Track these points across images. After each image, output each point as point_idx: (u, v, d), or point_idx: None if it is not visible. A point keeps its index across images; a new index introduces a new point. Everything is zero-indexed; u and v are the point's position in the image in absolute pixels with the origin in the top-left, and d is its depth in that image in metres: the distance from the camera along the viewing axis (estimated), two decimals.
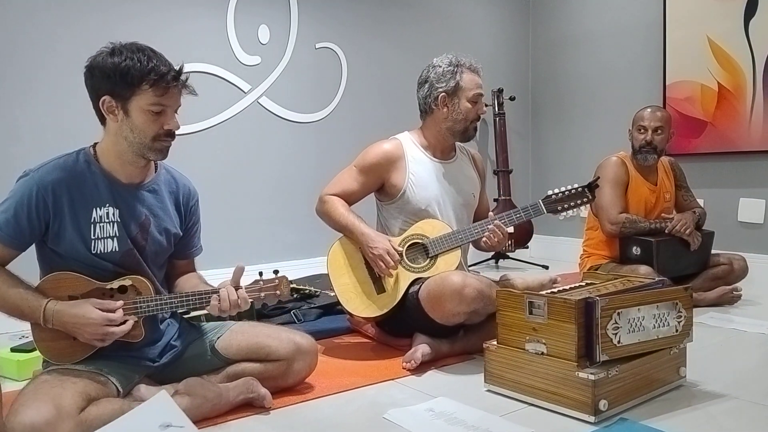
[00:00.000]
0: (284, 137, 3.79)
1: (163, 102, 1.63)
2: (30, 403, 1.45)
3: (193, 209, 1.89)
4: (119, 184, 1.70)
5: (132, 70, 1.58)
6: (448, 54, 2.42)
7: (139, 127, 1.63)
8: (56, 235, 1.63)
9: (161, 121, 1.64)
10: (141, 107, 1.61)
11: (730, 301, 3.04)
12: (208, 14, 3.48)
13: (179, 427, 1.45)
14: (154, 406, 1.50)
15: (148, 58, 1.60)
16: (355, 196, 2.40)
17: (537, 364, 1.77)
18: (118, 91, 1.60)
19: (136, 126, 1.63)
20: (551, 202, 2.30)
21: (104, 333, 1.59)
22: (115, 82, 1.59)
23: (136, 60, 1.59)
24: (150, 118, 1.63)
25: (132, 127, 1.63)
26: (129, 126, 1.63)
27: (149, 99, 1.61)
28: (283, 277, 1.82)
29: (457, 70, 2.36)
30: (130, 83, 1.59)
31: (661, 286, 1.92)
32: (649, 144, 3.02)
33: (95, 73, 1.61)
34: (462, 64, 2.38)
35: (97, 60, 1.62)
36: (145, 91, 1.60)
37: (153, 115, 1.63)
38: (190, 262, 1.95)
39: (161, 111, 1.64)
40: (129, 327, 1.63)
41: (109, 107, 1.62)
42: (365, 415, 1.76)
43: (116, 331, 1.61)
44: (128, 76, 1.58)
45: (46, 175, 1.62)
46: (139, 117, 1.62)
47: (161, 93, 1.62)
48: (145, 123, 1.63)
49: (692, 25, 3.91)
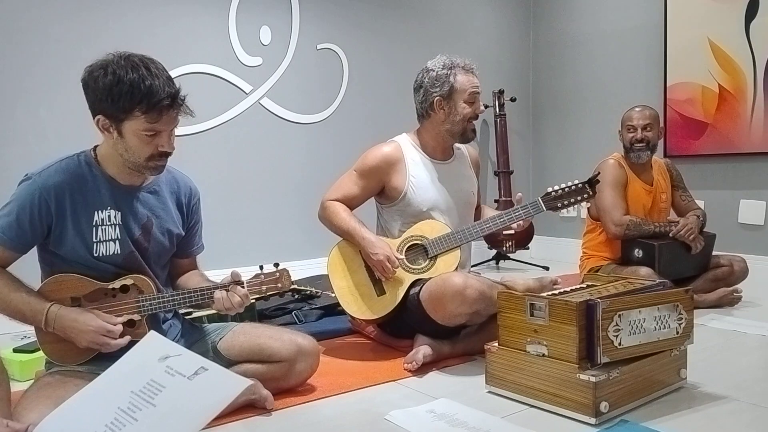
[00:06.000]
0: (286, 138, 3.79)
1: (157, 127, 1.58)
2: (33, 406, 1.46)
3: (195, 208, 1.90)
4: (120, 186, 1.70)
5: (125, 95, 1.52)
6: (441, 56, 2.41)
7: (132, 149, 1.60)
8: (58, 239, 1.63)
9: (156, 143, 1.61)
10: (134, 131, 1.58)
11: (731, 302, 3.05)
12: (210, 15, 3.48)
13: (177, 355, 1.47)
14: (148, 343, 1.53)
15: (142, 80, 1.52)
16: (356, 200, 2.41)
17: (538, 365, 1.77)
18: (111, 112, 1.56)
19: (130, 147, 1.60)
20: (551, 199, 2.28)
21: (101, 343, 1.60)
22: (107, 104, 1.55)
23: (128, 83, 1.52)
24: (144, 141, 1.59)
25: (126, 148, 1.61)
26: (123, 146, 1.61)
27: (141, 125, 1.57)
28: (284, 270, 1.83)
29: (451, 72, 2.35)
30: (122, 109, 1.54)
31: (662, 288, 1.93)
32: (641, 141, 3.03)
33: (89, 91, 1.58)
34: (455, 65, 2.37)
35: (92, 76, 1.57)
36: (137, 117, 1.55)
37: (147, 138, 1.59)
38: (193, 261, 1.96)
39: (155, 134, 1.60)
40: (125, 342, 1.62)
41: (104, 125, 1.60)
42: (366, 416, 1.77)
43: (112, 344, 1.61)
44: (120, 101, 1.53)
45: (49, 178, 1.61)
46: (133, 139, 1.59)
47: (154, 120, 1.56)
48: (139, 146, 1.60)
49: (693, 27, 3.91)
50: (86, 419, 1.36)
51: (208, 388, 1.40)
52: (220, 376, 1.44)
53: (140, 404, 1.36)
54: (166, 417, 1.33)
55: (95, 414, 1.36)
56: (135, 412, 1.35)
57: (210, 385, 1.40)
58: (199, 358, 1.48)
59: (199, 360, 1.46)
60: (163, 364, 1.44)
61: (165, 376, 1.41)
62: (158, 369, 1.43)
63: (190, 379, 1.41)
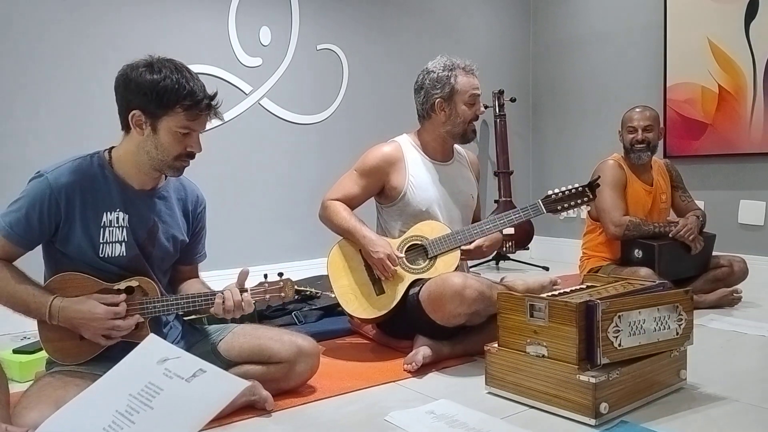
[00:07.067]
0: (285, 139, 3.79)
1: (193, 126, 1.65)
2: (33, 405, 1.46)
3: (200, 216, 1.91)
4: (131, 189, 1.71)
5: (169, 91, 1.59)
6: (441, 57, 2.42)
7: (164, 146, 1.65)
8: (65, 237, 1.64)
9: (186, 142, 1.67)
10: (170, 128, 1.63)
11: (731, 303, 3.05)
12: (210, 16, 3.48)
13: (176, 357, 1.48)
14: (148, 347, 1.53)
15: (186, 81, 1.61)
16: (356, 199, 2.41)
17: (538, 366, 1.77)
18: (151, 108, 1.61)
19: (161, 144, 1.64)
20: (551, 201, 2.29)
21: (110, 327, 1.60)
22: (149, 99, 1.60)
23: (174, 81, 1.60)
24: (177, 139, 1.65)
25: (157, 144, 1.65)
26: (154, 142, 1.65)
27: (180, 122, 1.63)
28: (287, 280, 1.83)
29: (451, 74, 2.36)
30: (165, 104, 1.60)
31: (662, 289, 1.93)
32: (641, 142, 3.03)
33: (130, 86, 1.61)
34: (456, 66, 2.37)
35: (135, 73, 1.61)
36: (178, 114, 1.62)
37: (180, 136, 1.65)
38: (194, 268, 1.96)
39: (188, 133, 1.66)
40: (134, 321, 1.64)
41: (138, 121, 1.63)
42: (366, 417, 1.77)
43: (122, 325, 1.62)
44: (164, 97, 1.59)
45: (60, 177, 1.62)
46: (166, 136, 1.64)
47: (193, 118, 1.64)
48: (171, 143, 1.65)
49: (693, 27, 3.91)
50: (84, 423, 1.36)
51: (206, 389, 1.40)
52: (218, 377, 1.45)
53: (138, 407, 1.36)
54: (164, 419, 1.34)
55: (93, 418, 1.36)
56: (132, 415, 1.35)
57: (208, 387, 1.41)
58: (198, 360, 1.48)
59: (198, 362, 1.47)
60: (161, 367, 1.45)
61: (163, 379, 1.42)
62: (157, 372, 1.43)
63: (188, 381, 1.41)
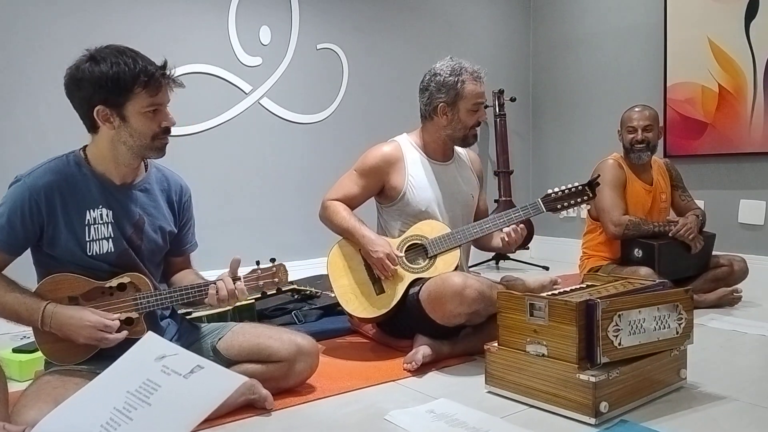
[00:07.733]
0: (285, 138, 3.79)
1: (157, 101, 1.64)
2: (32, 404, 1.46)
3: (186, 205, 1.90)
4: (111, 185, 1.70)
5: (122, 75, 1.58)
6: (450, 59, 2.39)
7: (138, 130, 1.64)
8: (51, 239, 1.63)
9: (158, 119, 1.66)
10: (137, 111, 1.62)
11: (731, 302, 3.05)
12: (210, 15, 3.48)
13: (174, 354, 1.48)
14: (146, 344, 1.53)
15: (134, 60, 1.60)
16: (356, 199, 2.41)
17: (538, 365, 1.77)
18: (112, 98, 1.60)
19: (135, 130, 1.63)
20: (550, 200, 2.29)
21: (99, 338, 1.60)
22: (108, 90, 1.58)
23: (123, 64, 1.58)
24: (148, 119, 1.64)
25: (131, 132, 1.64)
26: (128, 131, 1.64)
27: (144, 101, 1.62)
28: (280, 265, 1.84)
29: (458, 79, 2.33)
30: (124, 88, 1.59)
31: (662, 288, 1.93)
32: (641, 142, 3.03)
33: (83, 85, 1.59)
34: (464, 71, 2.34)
35: (81, 70, 1.59)
36: (139, 94, 1.61)
37: (150, 114, 1.64)
38: (186, 259, 1.96)
39: (156, 110, 1.65)
40: (123, 337, 1.62)
41: (104, 116, 1.62)
42: (366, 416, 1.77)
43: (110, 338, 1.61)
44: (120, 81, 1.58)
45: (38, 179, 1.62)
46: (137, 120, 1.63)
47: (154, 92, 1.63)
48: (144, 125, 1.64)
49: (693, 27, 3.91)
50: (82, 420, 1.36)
51: (204, 386, 1.40)
52: (216, 373, 1.45)
53: (136, 404, 1.36)
54: (162, 416, 1.34)
55: (91, 415, 1.36)
56: (130, 411, 1.35)
57: (205, 383, 1.41)
58: (196, 356, 1.48)
59: (196, 359, 1.47)
60: (159, 364, 1.44)
61: (161, 376, 1.42)
62: (154, 368, 1.43)
63: (186, 377, 1.41)
